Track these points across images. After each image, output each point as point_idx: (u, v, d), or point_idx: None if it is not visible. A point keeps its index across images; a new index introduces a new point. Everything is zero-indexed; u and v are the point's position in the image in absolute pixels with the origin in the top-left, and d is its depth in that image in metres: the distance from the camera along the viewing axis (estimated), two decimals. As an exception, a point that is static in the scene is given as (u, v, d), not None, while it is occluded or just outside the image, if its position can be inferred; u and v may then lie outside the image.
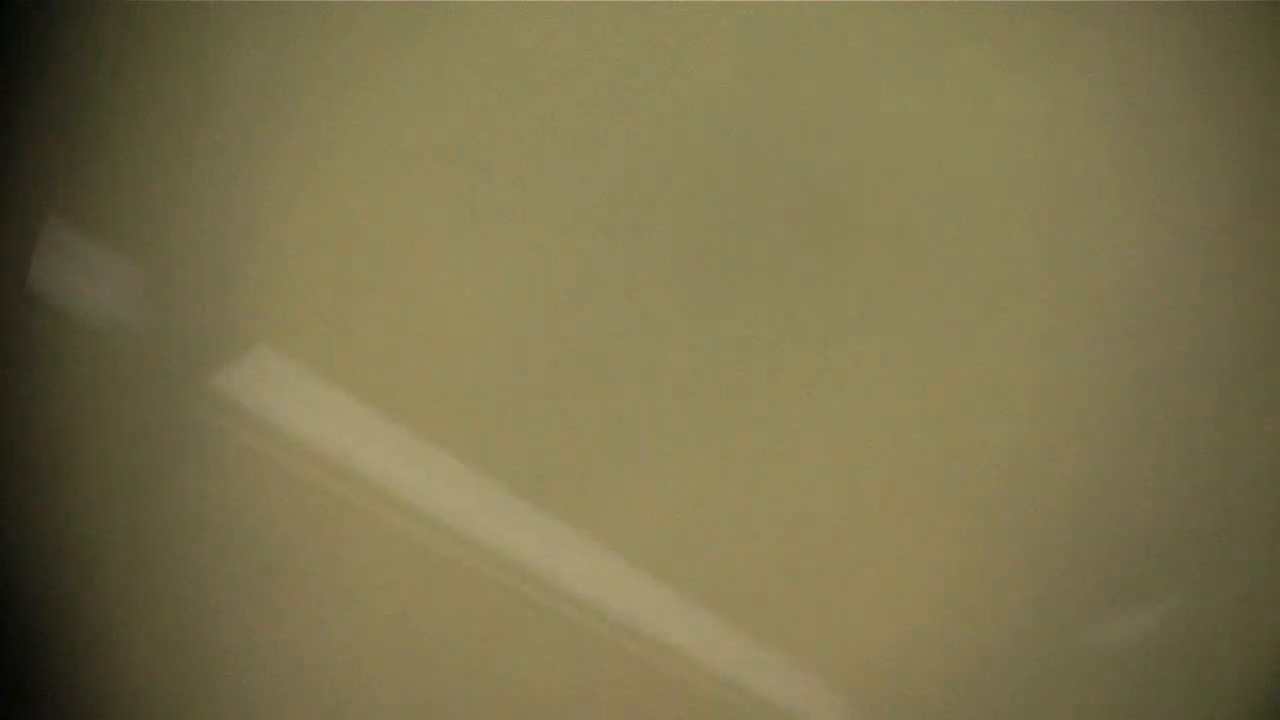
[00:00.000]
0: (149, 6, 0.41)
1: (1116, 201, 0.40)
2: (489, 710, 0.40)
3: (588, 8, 0.40)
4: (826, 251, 0.40)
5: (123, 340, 0.40)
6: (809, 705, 0.40)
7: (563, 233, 0.40)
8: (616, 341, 0.40)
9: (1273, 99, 0.40)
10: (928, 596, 0.39)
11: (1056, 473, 0.40)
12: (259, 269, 0.40)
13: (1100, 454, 0.40)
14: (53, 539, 0.41)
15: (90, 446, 0.40)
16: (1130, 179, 0.40)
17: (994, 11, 0.40)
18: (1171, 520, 0.40)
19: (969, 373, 0.40)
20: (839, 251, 0.40)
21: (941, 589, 0.39)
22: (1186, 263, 0.40)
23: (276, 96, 0.40)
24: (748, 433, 0.40)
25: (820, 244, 0.40)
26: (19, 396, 0.41)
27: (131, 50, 0.41)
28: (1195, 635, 0.40)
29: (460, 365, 0.40)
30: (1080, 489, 0.40)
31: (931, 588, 0.39)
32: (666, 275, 0.40)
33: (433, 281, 0.40)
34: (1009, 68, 0.40)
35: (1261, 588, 0.40)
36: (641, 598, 0.40)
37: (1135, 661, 0.40)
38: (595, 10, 0.40)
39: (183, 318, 0.40)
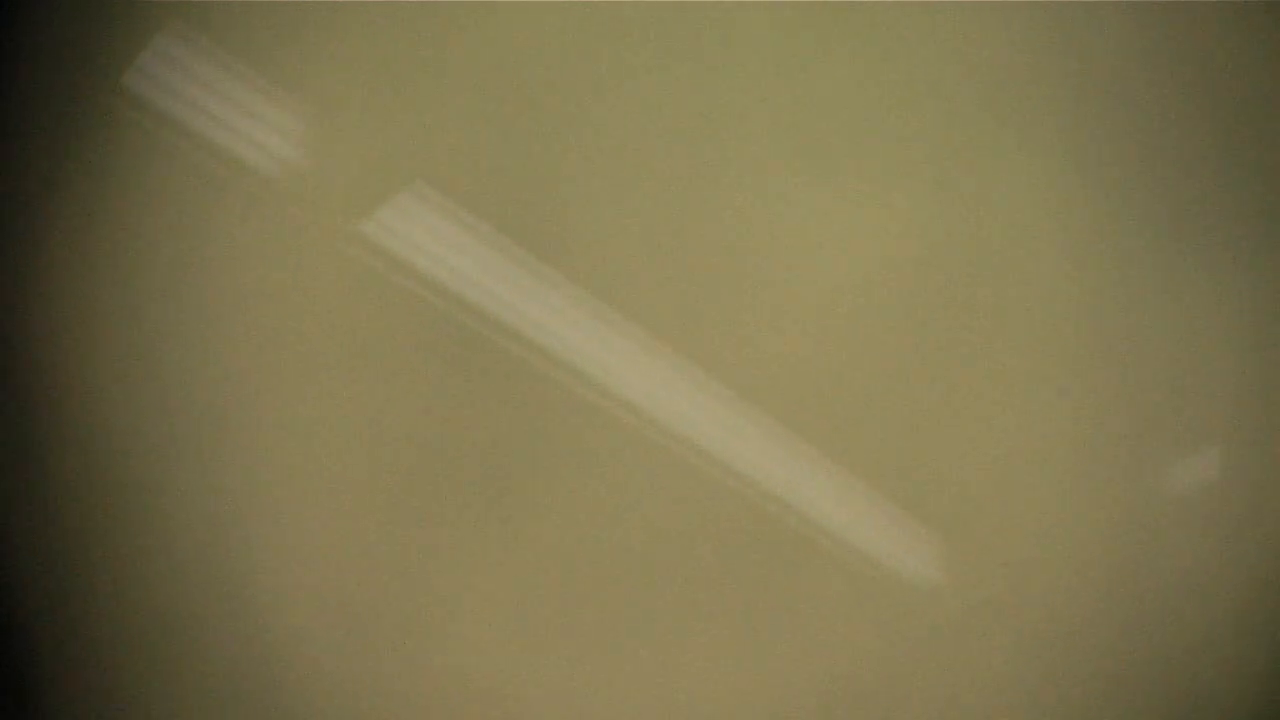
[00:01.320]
0: None
1: None
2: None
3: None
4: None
5: (278, 178, 0.41)
6: (903, 548, 0.40)
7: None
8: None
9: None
10: (996, 447, 0.40)
11: (1107, 325, 0.40)
12: (417, 109, 0.41)
13: (1147, 304, 0.40)
14: (193, 360, 0.42)
15: (238, 286, 0.41)
16: None
17: None
18: (1223, 366, 0.40)
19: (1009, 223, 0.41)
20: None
21: (1010, 442, 0.40)
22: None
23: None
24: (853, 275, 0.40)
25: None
26: (180, 236, 0.41)
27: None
28: (1253, 482, 0.40)
29: (609, 209, 0.40)
30: (1129, 338, 0.40)
31: (1000, 442, 0.40)
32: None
33: (580, 129, 0.40)
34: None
35: None
36: (747, 433, 0.40)
37: (1197, 508, 0.40)
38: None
39: (337, 157, 0.41)
